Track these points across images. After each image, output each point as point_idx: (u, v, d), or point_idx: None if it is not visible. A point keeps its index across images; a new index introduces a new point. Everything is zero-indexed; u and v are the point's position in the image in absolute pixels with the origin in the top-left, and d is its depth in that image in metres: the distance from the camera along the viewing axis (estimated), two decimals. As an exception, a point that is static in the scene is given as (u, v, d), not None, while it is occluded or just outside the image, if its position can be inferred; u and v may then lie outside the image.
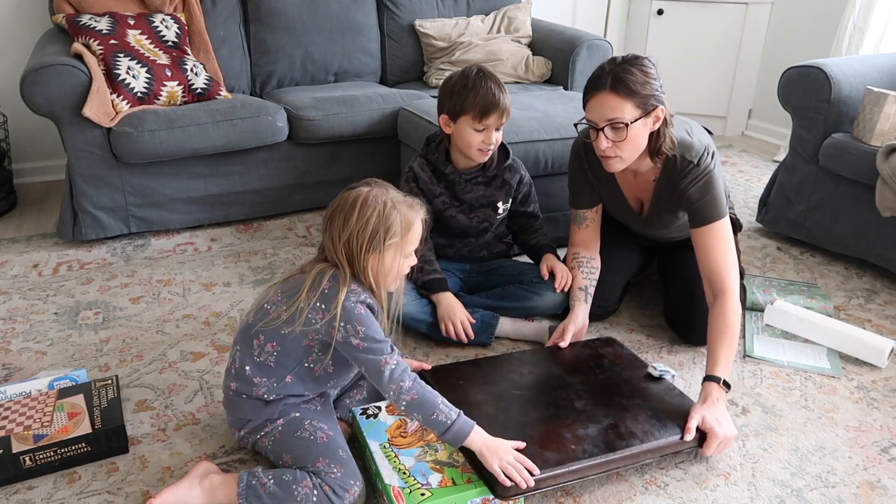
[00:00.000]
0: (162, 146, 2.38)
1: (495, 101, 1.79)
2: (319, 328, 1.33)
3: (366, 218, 1.32)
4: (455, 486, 1.33)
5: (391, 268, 1.38)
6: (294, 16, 2.98)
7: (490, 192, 1.97)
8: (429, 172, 1.96)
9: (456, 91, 1.83)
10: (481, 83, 1.80)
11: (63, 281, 2.24)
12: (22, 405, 1.53)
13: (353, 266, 1.35)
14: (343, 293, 1.32)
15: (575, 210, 1.97)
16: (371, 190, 1.36)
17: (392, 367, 1.32)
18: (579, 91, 3.05)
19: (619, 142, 1.65)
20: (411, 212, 1.37)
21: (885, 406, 1.71)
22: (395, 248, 1.36)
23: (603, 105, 1.63)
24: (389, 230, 1.33)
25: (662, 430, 1.46)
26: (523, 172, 2.02)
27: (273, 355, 1.38)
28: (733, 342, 1.61)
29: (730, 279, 1.67)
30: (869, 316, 2.11)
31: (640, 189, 1.87)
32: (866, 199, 2.23)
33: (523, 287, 1.96)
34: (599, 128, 1.65)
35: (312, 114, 2.61)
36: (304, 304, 1.33)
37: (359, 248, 1.33)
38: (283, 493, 1.28)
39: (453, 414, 1.33)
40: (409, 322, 1.89)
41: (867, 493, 1.43)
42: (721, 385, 1.54)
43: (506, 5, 3.37)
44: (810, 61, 2.39)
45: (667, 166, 1.76)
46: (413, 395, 1.32)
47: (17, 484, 1.41)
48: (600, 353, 1.76)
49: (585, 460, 1.37)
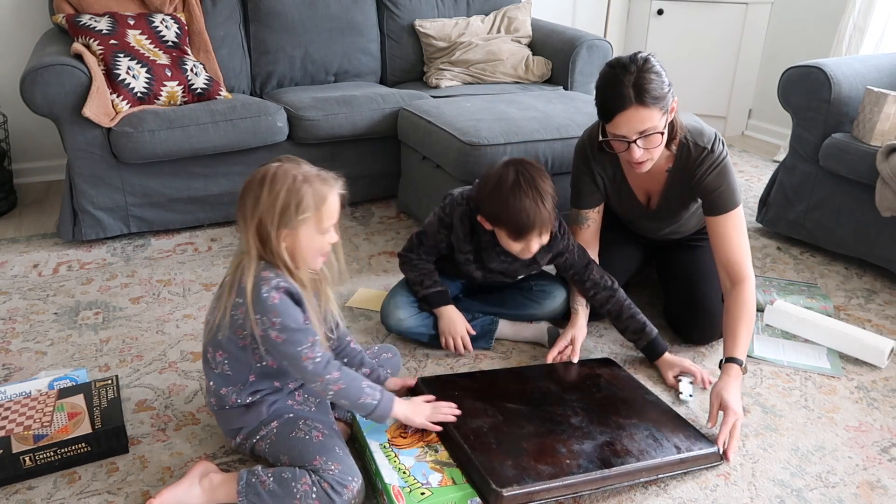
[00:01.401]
0: (162, 146, 2.38)
1: (530, 222, 1.61)
2: (244, 324, 1.31)
3: (275, 193, 1.26)
4: (455, 485, 1.33)
5: (308, 245, 1.31)
6: (294, 16, 2.98)
7: (515, 267, 1.85)
8: (467, 228, 1.78)
9: (491, 200, 1.65)
10: (516, 200, 1.60)
11: (63, 281, 2.24)
12: (22, 405, 1.53)
13: (267, 247, 1.29)
14: (250, 282, 1.27)
15: (577, 210, 1.95)
16: (281, 165, 1.30)
17: (316, 361, 1.30)
18: (579, 91, 3.06)
19: (651, 147, 1.64)
20: (324, 186, 1.31)
21: (885, 406, 1.71)
22: (310, 223, 1.29)
23: (633, 120, 1.60)
24: (301, 204, 1.27)
25: (658, 450, 1.45)
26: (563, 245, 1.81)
27: (225, 364, 1.38)
28: (751, 326, 1.69)
29: (747, 267, 1.73)
30: (869, 316, 2.11)
31: (650, 181, 1.86)
32: (866, 199, 2.23)
33: (523, 293, 1.96)
34: (632, 140, 1.62)
35: (312, 114, 2.61)
36: (227, 303, 1.32)
37: (271, 225, 1.27)
38: (282, 490, 1.28)
39: (378, 394, 1.35)
40: (410, 335, 1.89)
41: (867, 493, 1.43)
42: (739, 365, 1.62)
43: (506, 5, 3.37)
44: (810, 61, 2.39)
45: (680, 155, 1.76)
46: (339, 385, 1.33)
47: (17, 484, 1.41)
48: (598, 373, 1.75)
49: (580, 475, 1.35)
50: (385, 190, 2.89)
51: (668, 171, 1.81)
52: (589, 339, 1.96)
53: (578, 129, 2.33)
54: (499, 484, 1.29)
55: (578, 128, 2.33)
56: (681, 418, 1.58)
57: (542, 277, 1.99)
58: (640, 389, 1.69)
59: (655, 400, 1.65)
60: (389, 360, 1.67)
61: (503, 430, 1.46)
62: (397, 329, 1.88)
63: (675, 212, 1.89)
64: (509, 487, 1.29)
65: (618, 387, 1.69)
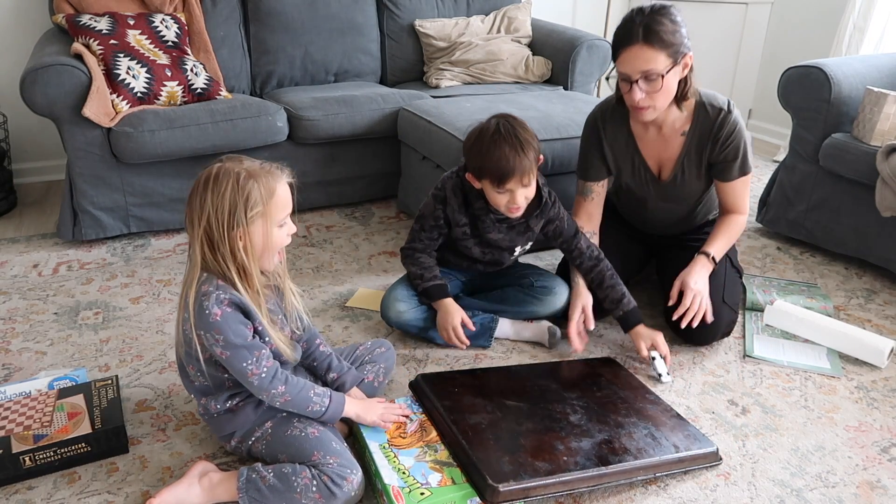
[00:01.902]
0: (162, 146, 2.38)
1: (510, 167, 1.65)
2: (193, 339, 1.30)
3: (220, 193, 1.23)
4: (455, 485, 1.33)
5: (264, 241, 1.29)
6: (294, 16, 2.98)
7: (511, 236, 1.88)
8: (460, 199, 1.82)
9: (474, 152, 1.71)
10: (496, 147, 1.66)
11: (63, 281, 2.24)
12: (22, 405, 1.53)
13: (218, 253, 1.25)
14: (192, 297, 1.25)
15: (583, 182, 1.99)
16: (223, 165, 1.27)
17: (262, 377, 1.29)
18: (579, 91, 3.06)
19: (652, 92, 1.67)
20: (271, 178, 1.28)
21: (885, 406, 1.71)
22: (261, 218, 1.27)
23: (637, 58, 1.64)
24: (249, 200, 1.24)
25: (657, 449, 1.45)
26: (553, 212, 1.86)
27: (200, 376, 1.38)
28: (732, 239, 1.91)
29: (745, 208, 1.92)
30: (869, 316, 2.11)
31: (665, 147, 1.87)
32: (866, 199, 2.23)
33: (524, 290, 1.96)
34: (633, 80, 1.66)
35: (312, 114, 2.61)
36: (179, 318, 1.32)
37: (221, 228, 1.23)
38: (283, 485, 1.29)
39: (325, 400, 1.36)
40: (409, 329, 1.89)
41: (867, 493, 1.43)
42: (709, 259, 1.83)
43: (506, 5, 3.37)
44: (810, 61, 2.39)
45: (697, 117, 1.80)
46: (286, 397, 1.33)
47: (17, 484, 1.41)
48: (598, 372, 1.76)
49: (577, 472, 1.35)
50: (385, 190, 2.89)
51: (684, 135, 1.83)
52: (590, 341, 1.96)
53: (578, 129, 2.32)
54: (495, 479, 1.29)
55: (578, 128, 2.33)
56: (680, 417, 1.59)
57: (542, 275, 1.99)
58: (640, 389, 1.69)
59: (656, 399, 1.65)
60: (383, 355, 1.66)
61: (501, 427, 1.46)
62: (397, 322, 1.88)
63: (686, 185, 1.90)
64: (505, 483, 1.29)
65: (618, 386, 1.69)
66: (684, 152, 1.85)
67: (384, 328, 1.97)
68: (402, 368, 1.80)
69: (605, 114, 1.89)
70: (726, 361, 1.87)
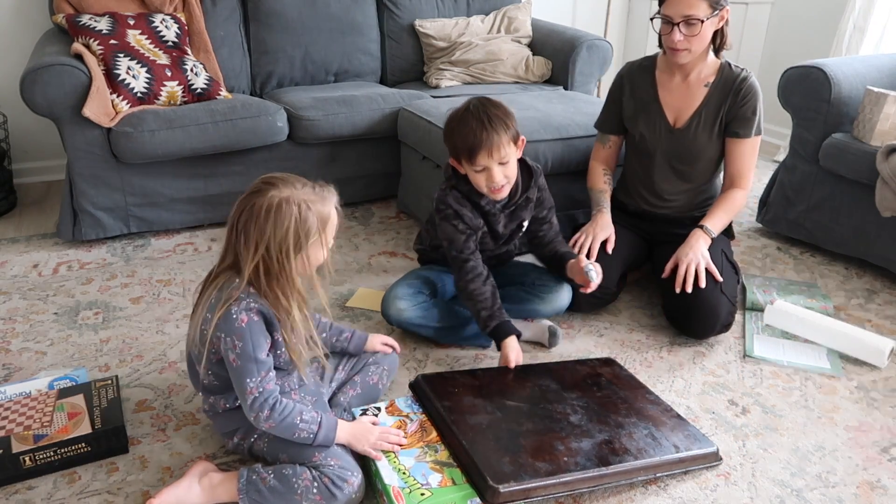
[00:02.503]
0: (162, 146, 2.38)
1: (477, 141, 1.64)
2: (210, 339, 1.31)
3: (284, 226, 1.27)
4: (455, 485, 1.33)
5: (317, 261, 1.35)
6: (294, 16, 2.98)
7: (517, 213, 1.88)
8: (469, 206, 1.79)
9: (447, 133, 1.74)
10: (464, 124, 1.68)
11: (63, 281, 2.24)
12: (22, 405, 1.53)
13: (274, 280, 1.29)
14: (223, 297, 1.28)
15: (601, 132, 2.18)
16: (280, 193, 1.28)
17: (255, 397, 1.30)
18: (579, 91, 3.06)
19: (690, 36, 1.84)
20: (325, 205, 1.33)
21: (885, 406, 1.71)
22: (317, 244, 1.33)
23: (681, 2, 1.81)
24: (309, 231, 1.29)
25: (657, 449, 1.46)
26: (541, 180, 1.90)
27: (210, 375, 1.39)
28: (731, 214, 2.01)
29: (748, 179, 2.01)
30: (869, 316, 2.11)
31: (687, 95, 2.00)
32: (866, 199, 2.23)
33: (525, 289, 1.96)
34: (675, 23, 1.83)
35: (312, 114, 2.61)
36: (199, 318, 1.32)
37: (283, 257, 1.28)
38: (283, 486, 1.29)
39: (314, 427, 1.33)
40: (410, 327, 1.88)
41: (867, 493, 1.43)
42: (705, 231, 1.94)
43: (506, 5, 3.37)
44: (810, 61, 2.39)
45: (722, 71, 1.97)
46: (270, 423, 1.31)
47: (17, 484, 1.41)
48: (598, 372, 1.75)
49: (577, 473, 1.35)
50: (385, 190, 2.89)
51: (707, 86, 1.98)
52: (589, 339, 1.96)
53: (578, 128, 2.34)
54: (495, 480, 1.29)
55: (578, 128, 2.34)
56: (681, 418, 1.59)
57: (544, 273, 1.99)
58: (640, 389, 1.69)
59: (656, 399, 1.65)
60: (386, 357, 1.68)
61: (501, 427, 1.46)
62: (397, 320, 1.88)
63: (698, 139, 2.00)
64: (506, 483, 1.29)
65: (618, 386, 1.69)
66: (704, 103, 1.98)
67: (385, 328, 1.97)
68: (402, 369, 1.80)
69: (631, 71, 2.09)
70: (726, 361, 1.87)
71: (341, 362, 1.64)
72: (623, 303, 2.14)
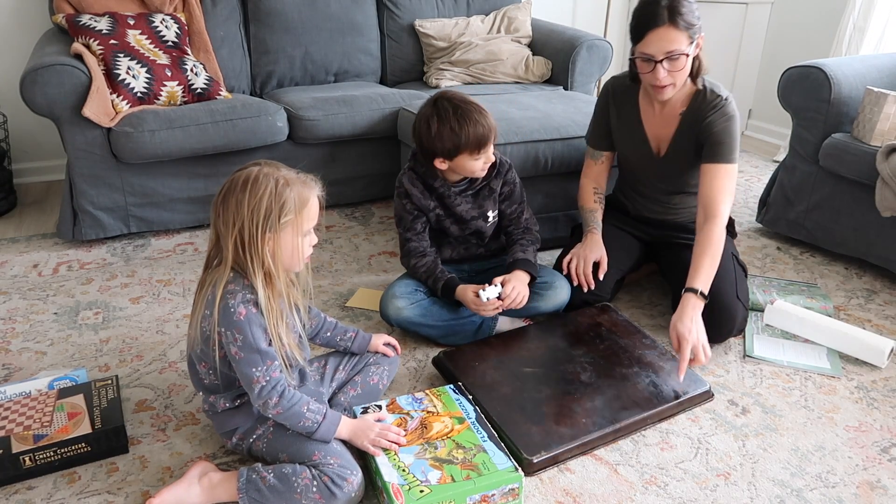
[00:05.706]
0: (162, 146, 2.38)
1: (486, 131, 1.77)
2: (213, 336, 1.31)
3: (258, 196, 1.26)
4: (454, 482, 1.33)
5: (290, 248, 1.32)
6: (294, 16, 2.98)
7: (479, 202, 1.94)
8: (420, 187, 1.90)
9: (445, 136, 1.76)
10: (467, 121, 1.75)
11: (63, 281, 2.24)
12: (22, 405, 1.53)
13: (247, 253, 1.28)
14: (219, 294, 1.28)
15: (591, 148, 2.12)
16: (261, 169, 1.30)
17: (262, 385, 1.30)
18: (579, 91, 3.06)
19: (674, 71, 1.76)
20: (305, 188, 1.32)
21: (885, 406, 1.71)
22: (291, 226, 1.30)
23: (662, 39, 1.72)
24: (284, 207, 1.27)
25: (660, 397, 1.63)
26: (509, 175, 1.96)
27: (211, 374, 1.39)
28: (715, 260, 1.79)
29: (722, 206, 1.83)
30: (869, 316, 2.11)
31: (663, 124, 1.94)
32: (866, 199, 2.23)
33: None
34: (657, 60, 1.74)
35: (312, 114, 2.61)
36: (198, 315, 1.32)
37: (254, 230, 1.26)
38: (283, 485, 1.29)
39: (318, 417, 1.35)
40: (409, 326, 1.88)
41: (867, 493, 1.43)
42: (698, 296, 1.73)
43: (506, 5, 3.37)
44: (810, 61, 2.39)
45: (695, 99, 1.88)
46: (279, 410, 1.32)
47: (17, 484, 1.41)
48: (598, 321, 1.89)
49: (595, 431, 1.52)
50: (385, 190, 2.89)
51: (681, 115, 1.90)
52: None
53: (578, 128, 2.33)
54: (528, 452, 1.45)
55: (578, 128, 2.34)
56: (674, 359, 1.72)
57: (543, 270, 1.99)
58: (637, 334, 1.85)
59: (652, 343, 1.81)
60: (387, 358, 1.67)
61: (524, 398, 1.61)
62: (396, 319, 1.88)
63: (682, 161, 1.95)
64: (538, 454, 1.45)
65: (618, 334, 1.84)
66: (679, 131, 1.92)
67: (384, 328, 1.97)
68: (402, 369, 1.80)
69: (616, 89, 2.01)
70: (726, 361, 1.87)
71: (342, 363, 1.64)
72: (623, 303, 2.14)
